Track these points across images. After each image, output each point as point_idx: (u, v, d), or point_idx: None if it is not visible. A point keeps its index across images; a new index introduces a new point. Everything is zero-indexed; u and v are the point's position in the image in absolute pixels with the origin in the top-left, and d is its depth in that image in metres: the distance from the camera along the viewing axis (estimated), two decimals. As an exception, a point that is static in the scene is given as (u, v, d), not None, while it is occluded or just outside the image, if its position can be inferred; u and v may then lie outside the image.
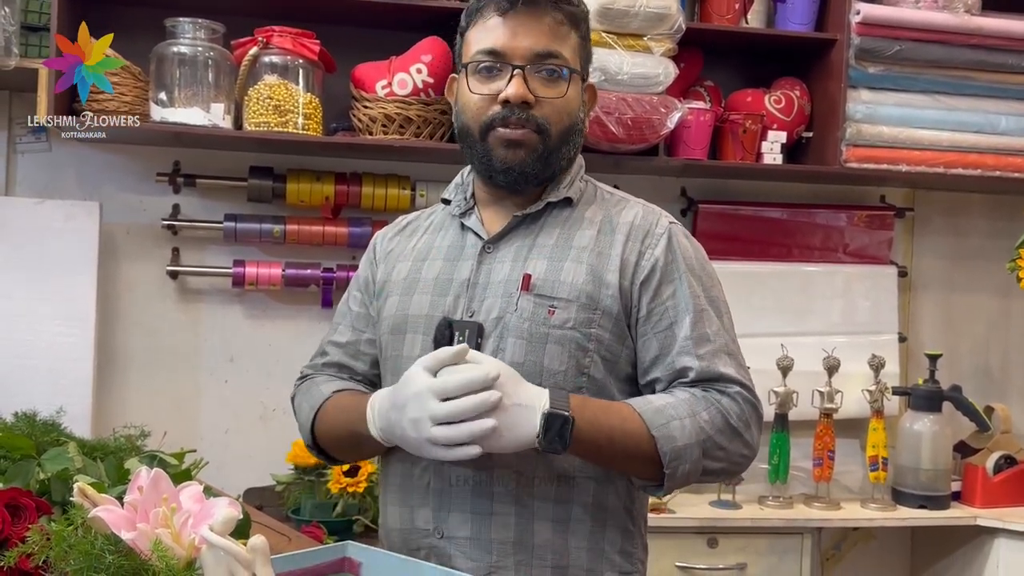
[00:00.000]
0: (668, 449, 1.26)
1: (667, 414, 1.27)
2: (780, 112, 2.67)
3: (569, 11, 1.37)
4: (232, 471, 2.48)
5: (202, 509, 1.03)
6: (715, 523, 2.51)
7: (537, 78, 1.35)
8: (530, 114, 1.34)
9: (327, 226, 2.59)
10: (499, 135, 1.35)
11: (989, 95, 2.69)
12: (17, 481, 1.25)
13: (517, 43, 1.34)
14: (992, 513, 2.62)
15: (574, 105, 1.39)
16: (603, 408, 1.28)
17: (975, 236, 3.06)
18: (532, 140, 1.35)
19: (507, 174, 1.37)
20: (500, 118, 1.35)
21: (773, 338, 2.66)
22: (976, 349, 3.07)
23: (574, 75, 1.38)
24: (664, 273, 1.36)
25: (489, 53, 1.36)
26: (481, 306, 1.36)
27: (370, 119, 2.39)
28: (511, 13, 1.35)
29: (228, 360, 2.64)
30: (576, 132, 1.40)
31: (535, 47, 1.34)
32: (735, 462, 1.33)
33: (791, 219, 2.87)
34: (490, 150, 1.36)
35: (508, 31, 1.35)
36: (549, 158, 1.37)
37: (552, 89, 1.35)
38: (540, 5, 1.35)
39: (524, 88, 1.33)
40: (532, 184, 1.39)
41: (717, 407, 1.30)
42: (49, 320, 2.41)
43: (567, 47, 1.37)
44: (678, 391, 1.32)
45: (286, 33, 2.31)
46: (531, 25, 1.34)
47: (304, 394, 1.50)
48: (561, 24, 1.36)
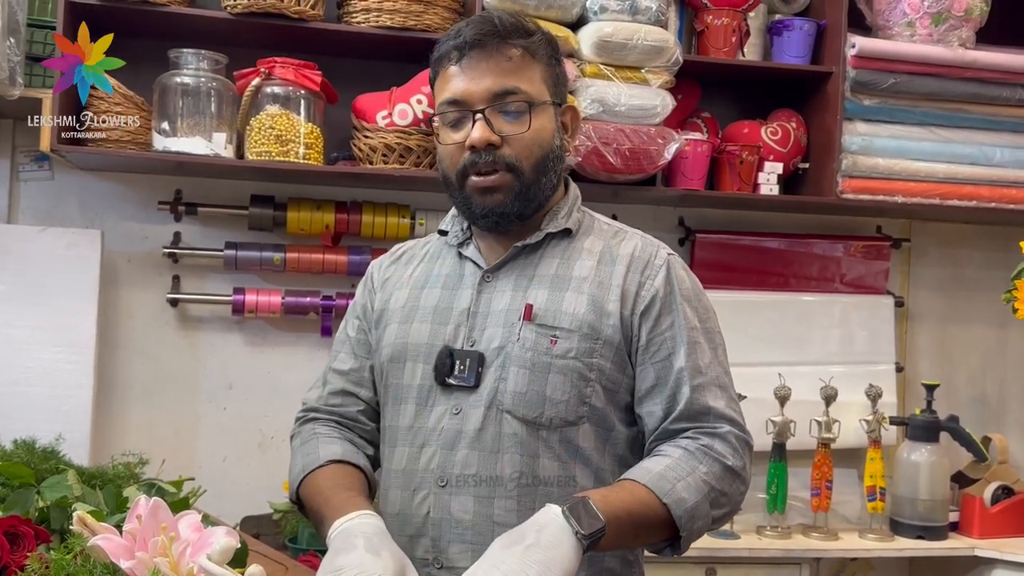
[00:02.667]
0: (682, 512, 1.26)
1: (670, 477, 1.28)
2: (777, 143, 2.69)
3: (523, 44, 1.37)
4: (230, 499, 2.47)
5: (200, 538, 1.04)
6: (713, 553, 2.50)
7: (500, 118, 1.36)
8: (497, 155, 1.35)
9: (327, 254, 2.60)
10: (473, 183, 1.37)
11: (984, 127, 2.72)
12: (16, 509, 1.26)
13: (474, 87, 1.35)
14: (990, 544, 2.61)
15: (545, 135, 1.39)
16: (614, 490, 1.25)
17: (971, 267, 3.08)
18: (506, 181, 1.36)
19: (487, 219, 1.39)
20: (471, 164, 1.36)
21: (771, 367, 2.67)
22: (973, 379, 3.08)
23: (539, 106, 1.37)
24: (663, 304, 1.37)
25: (451, 103, 1.37)
26: (482, 335, 1.37)
27: (371, 148, 2.41)
28: (464, 60, 1.36)
29: (227, 387, 2.64)
30: (554, 159, 1.40)
31: (492, 88, 1.35)
32: (736, 501, 1.35)
33: (788, 249, 2.89)
34: (469, 197, 1.38)
35: (465, 78, 1.36)
36: (528, 193, 1.38)
37: (517, 125, 1.36)
38: (489, 46, 1.35)
39: (487, 131, 1.34)
40: (515, 223, 1.40)
41: (712, 455, 1.31)
42: (50, 347, 2.41)
43: (527, 80, 1.37)
44: (670, 449, 1.32)
45: (288, 64, 2.34)
46: (485, 67, 1.35)
47: (302, 445, 1.46)
48: (517, 59, 1.36)
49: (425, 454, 1.37)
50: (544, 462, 1.32)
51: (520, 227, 1.43)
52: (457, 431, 1.35)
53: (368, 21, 2.36)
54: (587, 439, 1.35)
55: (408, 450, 1.39)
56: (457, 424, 1.35)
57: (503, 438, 1.33)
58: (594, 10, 2.41)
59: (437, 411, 1.37)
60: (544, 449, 1.33)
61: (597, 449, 1.36)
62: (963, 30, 2.60)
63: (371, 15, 2.35)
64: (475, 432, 1.34)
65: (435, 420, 1.37)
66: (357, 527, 1.23)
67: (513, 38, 1.36)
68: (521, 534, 1.17)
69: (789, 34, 2.66)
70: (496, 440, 1.33)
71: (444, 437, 1.35)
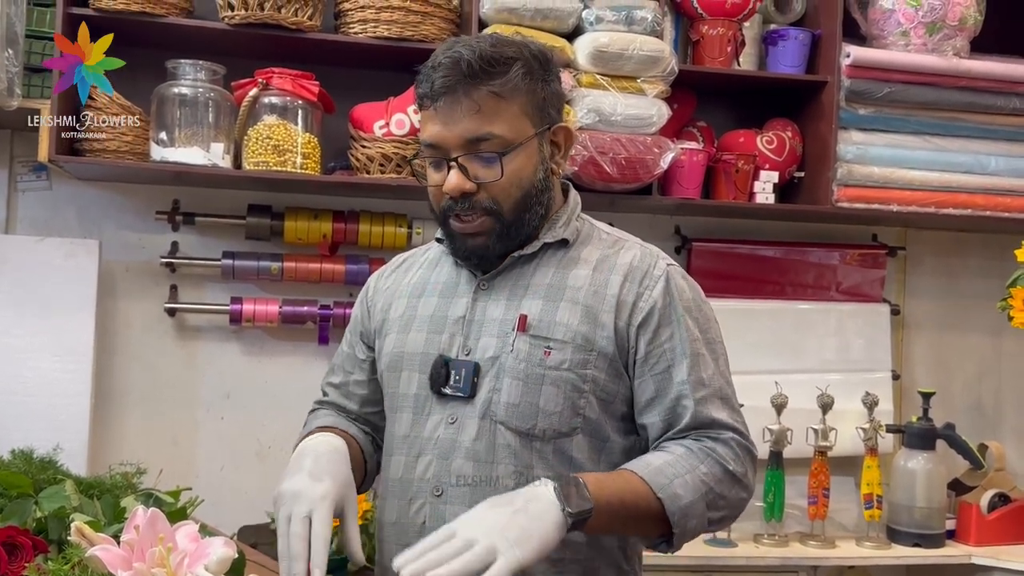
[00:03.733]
0: (675, 508, 1.27)
1: (668, 473, 1.28)
2: (772, 152, 2.70)
3: (496, 84, 1.32)
4: (227, 508, 2.46)
5: (198, 548, 1.05)
6: (710, 561, 2.50)
7: (476, 162, 1.33)
8: (474, 201, 1.34)
9: (324, 263, 2.61)
10: (455, 227, 1.37)
11: (979, 136, 2.73)
12: (14, 519, 1.26)
13: (448, 133, 1.33)
14: (987, 551, 2.62)
15: (524, 174, 1.35)
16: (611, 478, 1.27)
17: (966, 275, 3.08)
18: (487, 225, 1.36)
19: (469, 260, 1.41)
20: (449, 209, 1.36)
21: (767, 375, 2.68)
22: (969, 387, 3.08)
23: (514, 149, 1.33)
24: (662, 316, 1.37)
25: (429, 146, 1.36)
26: (477, 344, 1.37)
27: (368, 158, 2.42)
28: (435, 106, 1.33)
29: (225, 397, 2.65)
30: (537, 193, 1.37)
31: (464, 134, 1.32)
32: (736, 506, 1.35)
33: (784, 257, 2.89)
34: (453, 236, 1.39)
35: (440, 122, 1.33)
36: (510, 232, 1.37)
37: (490, 171, 1.33)
38: (459, 91, 1.31)
39: (462, 179, 1.33)
40: (502, 256, 1.40)
41: (714, 457, 1.31)
42: (47, 357, 2.42)
43: (502, 122, 1.32)
44: (673, 446, 1.33)
45: (286, 75, 2.35)
46: (457, 112, 1.32)
47: (304, 428, 1.54)
48: (489, 100, 1.32)
49: (421, 463, 1.37)
50: (538, 473, 1.32)
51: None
52: (453, 440, 1.35)
53: (365, 31, 2.37)
54: (581, 450, 1.35)
55: (405, 459, 1.40)
56: (453, 434, 1.35)
57: (497, 448, 1.33)
58: (590, 20, 2.42)
59: (433, 420, 1.38)
60: (538, 460, 1.33)
61: (591, 460, 1.36)
62: (957, 39, 2.61)
63: (368, 25, 2.36)
64: (470, 442, 1.34)
65: (431, 429, 1.37)
66: (313, 445, 1.33)
67: (483, 80, 1.31)
68: (511, 499, 1.19)
69: (784, 44, 2.67)
70: (490, 450, 1.33)
71: (440, 446, 1.36)
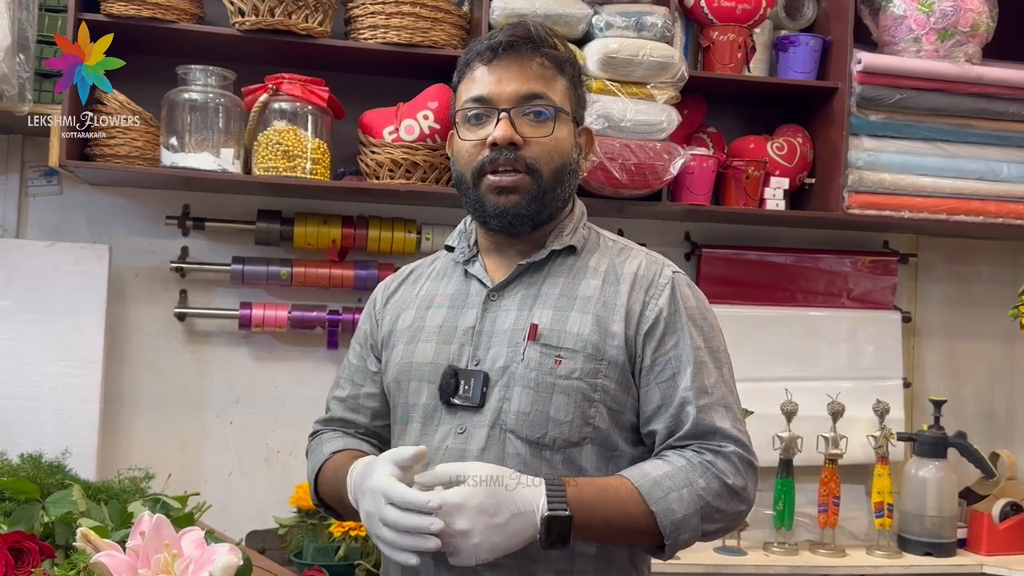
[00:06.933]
0: (668, 522, 1.27)
1: (664, 486, 1.28)
2: (783, 159, 2.69)
3: (553, 55, 1.40)
4: (235, 513, 2.48)
5: (203, 555, 1.04)
6: (720, 570, 2.49)
7: (524, 120, 1.37)
8: (519, 155, 1.36)
9: (333, 269, 2.61)
10: (490, 182, 1.37)
11: (990, 143, 2.71)
12: (21, 524, 1.26)
13: (502, 88, 1.37)
14: (998, 560, 2.60)
15: (565, 145, 1.40)
16: (600, 493, 1.27)
17: (978, 282, 3.07)
18: (524, 183, 1.36)
19: (500, 218, 1.38)
20: (490, 161, 1.36)
21: (777, 383, 2.67)
22: (980, 395, 3.07)
23: (562, 115, 1.39)
24: (668, 324, 1.37)
25: (476, 100, 1.39)
26: (487, 354, 1.37)
27: (377, 164, 2.42)
28: (495, 61, 1.38)
29: (234, 402, 2.65)
30: (570, 173, 1.42)
31: (520, 90, 1.37)
32: (732, 519, 1.34)
33: (795, 264, 2.88)
34: (483, 196, 1.38)
35: (494, 78, 1.38)
36: (543, 199, 1.38)
37: (540, 129, 1.37)
38: (522, 50, 1.38)
39: (511, 130, 1.36)
40: (527, 227, 1.40)
41: (713, 471, 1.31)
42: (57, 361, 2.42)
43: (554, 89, 1.39)
44: (673, 456, 1.32)
45: (296, 80, 2.35)
46: (515, 70, 1.37)
47: (311, 453, 1.53)
48: (546, 68, 1.39)
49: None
50: None
51: (525, 244, 1.43)
52: (461, 450, 1.34)
53: (375, 37, 2.37)
54: (590, 460, 1.34)
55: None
56: (461, 444, 1.35)
57: (507, 458, 1.32)
58: (600, 26, 2.42)
59: (442, 430, 1.37)
60: (547, 469, 1.32)
61: (600, 470, 1.35)
62: (969, 46, 2.60)
63: (378, 31, 2.37)
64: (479, 452, 1.33)
65: (440, 439, 1.37)
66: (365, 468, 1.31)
67: (545, 47, 1.39)
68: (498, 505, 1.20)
69: (795, 50, 2.67)
70: (500, 460, 1.32)
71: (449, 456, 1.35)
